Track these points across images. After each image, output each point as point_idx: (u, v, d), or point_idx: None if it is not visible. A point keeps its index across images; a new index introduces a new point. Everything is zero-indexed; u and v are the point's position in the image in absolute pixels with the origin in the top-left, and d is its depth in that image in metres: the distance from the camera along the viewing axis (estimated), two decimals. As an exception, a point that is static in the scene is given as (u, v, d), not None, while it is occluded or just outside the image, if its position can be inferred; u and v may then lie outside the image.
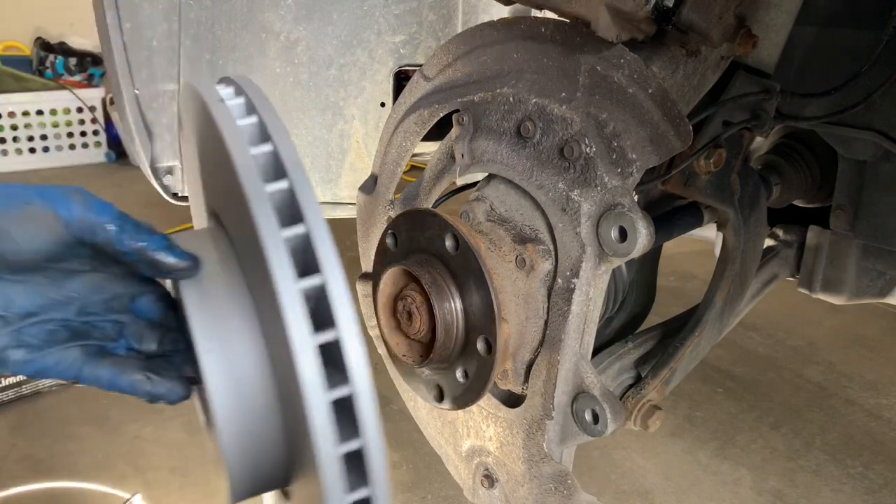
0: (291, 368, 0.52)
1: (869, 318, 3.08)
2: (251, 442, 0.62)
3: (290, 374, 0.53)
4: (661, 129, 0.80)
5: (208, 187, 0.70)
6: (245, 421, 0.61)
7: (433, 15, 1.69)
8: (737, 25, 0.89)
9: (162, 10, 1.49)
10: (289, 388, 0.56)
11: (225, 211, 0.65)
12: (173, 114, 1.57)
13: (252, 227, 0.54)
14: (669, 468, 2.19)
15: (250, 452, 0.62)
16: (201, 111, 0.62)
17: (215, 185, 0.66)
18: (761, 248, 1.17)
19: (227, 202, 0.62)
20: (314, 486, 0.55)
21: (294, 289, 0.53)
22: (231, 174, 0.56)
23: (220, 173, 0.61)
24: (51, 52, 5.29)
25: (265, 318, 0.59)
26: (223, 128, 0.57)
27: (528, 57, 0.90)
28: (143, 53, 1.50)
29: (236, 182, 0.55)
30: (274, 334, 0.57)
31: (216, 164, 0.61)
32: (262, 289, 0.57)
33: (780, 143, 1.40)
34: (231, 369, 0.60)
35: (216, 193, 0.67)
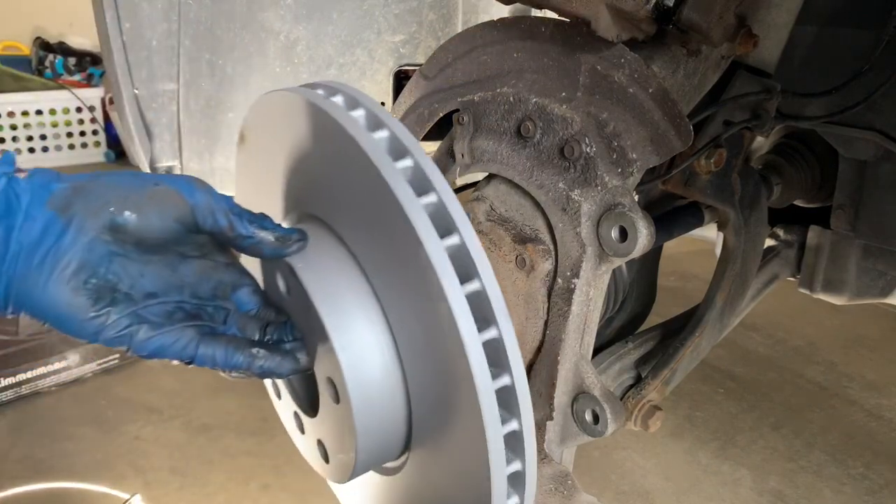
0: (443, 319, 0.59)
1: (869, 319, 3.08)
2: (378, 416, 0.68)
3: (435, 327, 0.60)
4: (662, 129, 0.80)
5: (306, 192, 0.75)
6: (372, 395, 0.67)
7: (433, 14, 1.69)
8: (737, 25, 0.88)
9: (161, 9, 1.48)
10: (426, 344, 0.63)
11: (339, 213, 0.70)
12: (173, 114, 1.57)
13: (388, 197, 0.60)
14: (670, 468, 2.19)
15: (376, 427, 0.68)
16: (312, 122, 0.68)
17: (320, 190, 0.71)
18: (762, 248, 1.17)
19: (346, 205, 0.68)
20: (459, 427, 0.62)
21: (441, 246, 0.60)
22: (375, 184, 0.62)
23: (334, 180, 0.67)
24: (50, 51, 5.29)
25: (397, 286, 0.65)
26: (364, 144, 0.62)
27: (528, 56, 0.90)
28: (142, 53, 1.50)
29: (379, 188, 0.61)
30: (412, 295, 0.63)
31: (335, 172, 0.67)
32: (394, 260, 0.63)
33: (781, 142, 1.40)
34: (357, 346, 0.66)
35: (319, 197, 0.72)
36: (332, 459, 0.77)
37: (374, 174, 0.61)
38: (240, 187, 0.89)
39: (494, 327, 0.61)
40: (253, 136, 0.82)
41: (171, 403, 2.36)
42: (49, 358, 2.38)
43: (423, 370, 0.66)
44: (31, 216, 0.58)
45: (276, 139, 0.76)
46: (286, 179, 0.78)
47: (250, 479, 2.04)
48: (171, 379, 2.49)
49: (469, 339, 0.59)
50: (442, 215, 0.62)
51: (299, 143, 0.72)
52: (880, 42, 1.05)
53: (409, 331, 0.66)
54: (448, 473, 0.68)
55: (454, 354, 0.60)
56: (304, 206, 0.77)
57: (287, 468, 2.08)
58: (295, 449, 0.88)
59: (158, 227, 0.62)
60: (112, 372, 2.52)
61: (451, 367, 0.61)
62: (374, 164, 0.61)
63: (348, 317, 0.67)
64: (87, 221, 0.59)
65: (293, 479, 2.04)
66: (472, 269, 0.61)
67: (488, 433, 0.60)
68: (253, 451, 2.16)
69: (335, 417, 0.72)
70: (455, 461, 0.66)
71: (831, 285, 1.38)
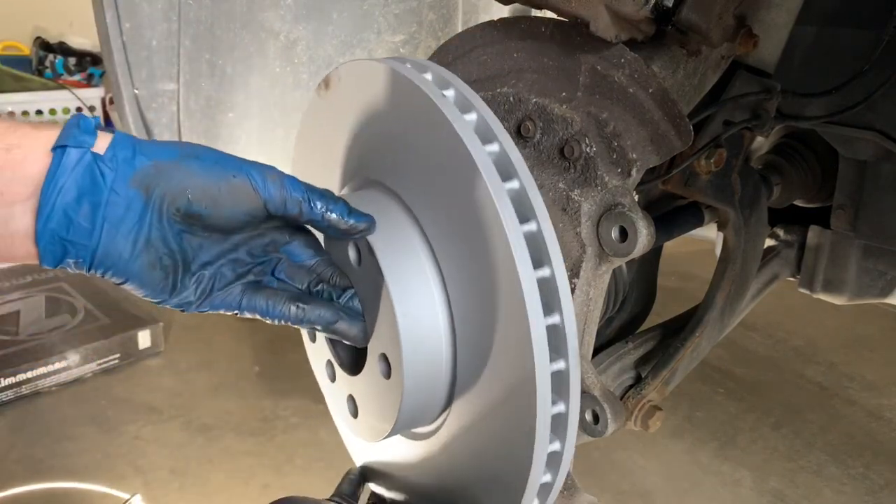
0: (502, 255, 0.63)
1: (869, 319, 3.08)
2: (424, 395, 0.72)
3: (488, 259, 0.65)
4: (662, 129, 0.80)
5: (378, 160, 0.78)
6: (423, 376, 0.70)
7: (433, 15, 1.69)
8: (737, 25, 0.88)
9: (161, 9, 1.48)
10: (485, 318, 0.67)
11: (416, 186, 0.73)
12: (173, 114, 1.57)
13: (472, 183, 0.65)
14: (670, 469, 2.19)
15: (419, 405, 0.72)
16: (403, 96, 0.71)
17: (397, 161, 0.75)
18: (762, 248, 1.17)
19: (422, 180, 0.72)
20: (504, 369, 0.66)
21: (520, 230, 0.64)
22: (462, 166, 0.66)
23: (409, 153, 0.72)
24: (50, 51, 5.28)
25: (465, 264, 0.69)
26: (456, 125, 0.66)
27: (528, 56, 0.90)
28: (142, 53, 1.50)
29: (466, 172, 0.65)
30: (479, 269, 0.67)
31: (415, 146, 0.71)
32: (466, 238, 0.67)
33: (781, 142, 1.40)
34: (419, 329, 0.70)
35: (392, 167, 0.76)
36: (363, 420, 0.79)
37: (463, 154, 0.65)
38: (305, 135, 0.91)
39: (557, 312, 0.65)
40: (337, 90, 0.83)
41: (171, 403, 2.36)
42: (49, 358, 2.38)
43: (477, 344, 0.69)
44: (116, 192, 0.62)
45: (359, 102, 0.78)
46: (357, 143, 0.80)
47: (250, 479, 2.04)
48: (171, 379, 2.49)
49: (535, 322, 0.62)
50: (522, 201, 0.66)
51: (384, 113, 0.75)
52: (880, 42, 1.05)
53: (470, 306, 0.69)
54: (487, 428, 0.70)
55: (509, 295, 0.64)
56: (371, 172, 0.78)
57: (287, 468, 2.08)
58: (295, 449, 0.88)
59: (229, 217, 0.67)
60: (112, 372, 2.52)
61: (503, 308, 0.65)
62: (465, 143, 0.65)
63: (415, 302, 0.70)
64: (166, 205, 0.64)
65: (293, 479, 2.04)
66: (544, 255, 0.65)
67: (538, 366, 0.63)
68: (253, 451, 2.16)
69: (380, 389, 0.74)
70: (497, 413, 0.68)
71: (831, 285, 1.37)
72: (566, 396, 0.67)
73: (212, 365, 2.54)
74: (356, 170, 0.81)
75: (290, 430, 2.22)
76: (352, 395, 0.81)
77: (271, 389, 2.42)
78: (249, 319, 0.74)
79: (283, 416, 2.29)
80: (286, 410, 2.31)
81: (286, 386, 2.42)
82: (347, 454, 0.98)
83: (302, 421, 2.25)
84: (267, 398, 2.38)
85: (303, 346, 0.93)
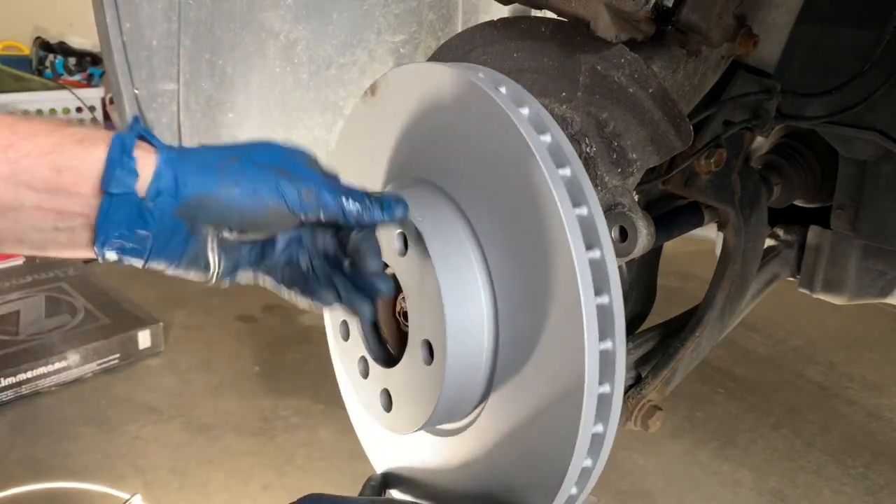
0: (555, 237, 0.66)
1: (869, 318, 3.08)
2: (464, 383, 0.74)
3: (539, 242, 0.68)
4: (662, 129, 0.80)
5: (425, 159, 0.81)
6: (466, 362, 0.73)
7: (433, 15, 1.69)
8: (737, 25, 0.89)
9: (161, 9, 1.48)
10: (531, 303, 0.69)
11: (463, 180, 0.76)
12: (173, 114, 1.57)
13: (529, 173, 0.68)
14: (670, 469, 2.19)
15: (458, 394, 0.74)
16: (460, 95, 0.74)
17: (447, 160, 0.78)
18: (762, 248, 1.17)
19: (469, 173, 0.75)
20: (553, 343, 0.68)
21: (574, 214, 0.67)
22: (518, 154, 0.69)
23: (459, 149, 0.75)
24: (50, 51, 5.28)
25: (512, 253, 0.71)
26: (513, 116, 0.69)
27: (528, 56, 0.90)
28: (142, 53, 1.50)
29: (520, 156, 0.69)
30: (527, 251, 0.70)
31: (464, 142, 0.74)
32: (518, 224, 0.70)
33: (781, 142, 1.40)
34: (465, 317, 0.72)
35: (441, 165, 0.78)
36: (398, 412, 0.81)
37: (519, 142, 0.68)
38: (348, 138, 0.94)
39: (606, 295, 0.68)
40: (385, 95, 0.86)
41: (171, 403, 2.36)
42: (49, 358, 2.38)
43: (522, 328, 0.71)
44: (163, 222, 0.69)
45: (408, 106, 0.81)
46: (403, 144, 0.83)
47: (250, 479, 2.04)
48: (171, 379, 2.49)
49: (587, 301, 0.65)
50: (575, 187, 0.69)
51: (434, 113, 0.77)
52: (880, 42, 1.05)
53: (516, 290, 0.71)
54: (527, 415, 0.72)
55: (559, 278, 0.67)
56: (418, 170, 0.81)
57: (287, 468, 2.08)
58: (295, 449, 0.89)
59: (267, 233, 0.73)
60: (112, 372, 2.52)
61: (553, 288, 0.67)
62: (521, 132, 0.68)
63: (461, 289, 0.72)
64: (209, 233, 0.71)
65: (293, 479, 2.04)
66: (595, 238, 0.68)
67: (588, 344, 0.65)
68: (253, 451, 2.16)
69: (420, 376, 0.76)
70: (539, 397, 0.70)
71: (831, 285, 1.37)
72: (611, 377, 0.69)
73: (212, 365, 2.54)
74: (402, 169, 0.83)
75: (290, 430, 2.22)
76: (386, 389, 0.82)
77: (271, 389, 2.42)
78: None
79: (283, 416, 2.28)
80: (286, 410, 2.31)
81: (286, 386, 2.42)
82: (348, 454, 0.98)
83: (302, 421, 2.25)
84: (267, 398, 2.38)
85: (303, 345, 0.94)
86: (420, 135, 0.81)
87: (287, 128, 1.64)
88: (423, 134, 0.81)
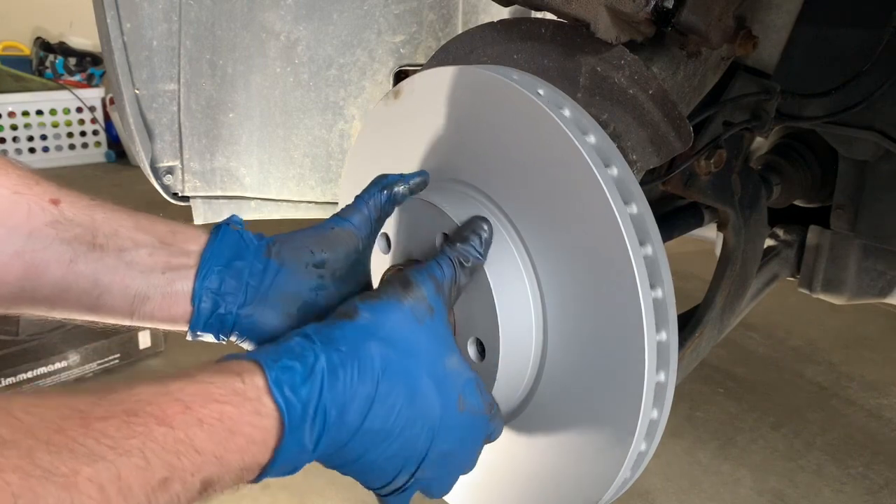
0: (608, 235, 0.68)
1: (869, 318, 3.08)
2: (513, 383, 0.75)
3: (591, 241, 0.69)
4: (662, 130, 0.80)
5: (461, 161, 0.81)
6: (516, 361, 0.74)
7: (433, 15, 1.69)
8: (736, 27, 0.89)
9: (162, 9, 1.48)
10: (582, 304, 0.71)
11: (502, 180, 0.77)
12: (174, 114, 1.57)
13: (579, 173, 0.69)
14: (670, 468, 2.19)
15: (508, 393, 0.75)
16: (495, 96, 0.75)
17: (486, 162, 0.78)
18: (762, 248, 1.17)
19: (514, 177, 0.75)
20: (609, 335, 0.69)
21: (626, 210, 0.69)
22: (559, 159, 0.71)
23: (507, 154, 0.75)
24: (50, 52, 5.28)
25: (561, 257, 0.73)
26: (559, 120, 0.70)
27: (528, 58, 0.90)
28: (143, 53, 1.50)
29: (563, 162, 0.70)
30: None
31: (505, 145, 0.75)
32: (563, 225, 0.72)
33: (781, 142, 1.40)
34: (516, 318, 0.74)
35: (480, 167, 0.79)
36: None
37: (566, 144, 0.69)
38: (368, 142, 0.95)
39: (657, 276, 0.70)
40: (411, 98, 0.86)
41: (171, 403, 2.36)
42: (49, 358, 2.38)
43: (571, 324, 0.73)
44: (258, 259, 0.74)
45: (438, 108, 0.81)
46: (435, 147, 0.83)
47: (251, 479, 2.04)
48: (172, 379, 2.49)
49: (644, 295, 0.66)
50: (624, 186, 0.71)
51: (471, 115, 0.78)
52: (879, 42, 1.05)
53: (564, 288, 0.73)
54: (581, 411, 0.73)
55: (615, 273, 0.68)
56: (453, 173, 0.81)
57: (287, 468, 2.08)
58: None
59: (343, 259, 0.76)
60: (112, 372, 2.52)
61: (607, 285, 0.69)
62: (568, 134, 0.69)
63: (510, 287, 0.74)
64: (294, 263, 0.75)
65: (293, 479, 2.04)
66: (646, 235, 0.70)
67: (646, 336, 0.66)
68: (253, 450, 2.16)
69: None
70: (593, 386, 0.72)
71: (831, 285, 1.38)
72: (666, 366, 0.71)
73: (212, 365, 2.54)
74: (434, 171, 0.83)
75: (290, 429, 2.22)
76: None
77: (272, 389, 2.42)
78: None
79: (283, 416, 2.29)
80: (286, 410, 2.31)
81: (286, 386, 2.42)
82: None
83: (302, 421, 2.25)
84: (267, 398, 2.38)
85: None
86: (453, 137, 0.81)
87: (287, 128, 1.65)
88: (457, 136, 0.81)
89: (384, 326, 0.64)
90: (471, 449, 0.69)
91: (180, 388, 0.53)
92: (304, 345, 0.60)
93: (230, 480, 0.55)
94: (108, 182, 4.53)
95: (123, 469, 0.47)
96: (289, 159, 1.66)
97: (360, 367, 0.61)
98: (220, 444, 0.53)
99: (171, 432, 0.50)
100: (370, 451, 0.62)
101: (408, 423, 0.62)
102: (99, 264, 0.70)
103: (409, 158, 0.86)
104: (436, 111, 0.82)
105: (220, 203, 1.64)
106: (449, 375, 0.65)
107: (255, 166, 1.63)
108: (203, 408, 0.53)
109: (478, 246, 0.72)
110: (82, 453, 0.45)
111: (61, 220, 0.70)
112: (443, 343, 0.66)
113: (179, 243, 0.74)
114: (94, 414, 0.48)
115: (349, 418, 0.60)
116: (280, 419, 0.56)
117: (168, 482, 0.49)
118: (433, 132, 0.83)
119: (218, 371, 0.56)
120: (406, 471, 0.64)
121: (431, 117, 0.82)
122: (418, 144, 0.85)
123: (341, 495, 2.02)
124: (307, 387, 0.58)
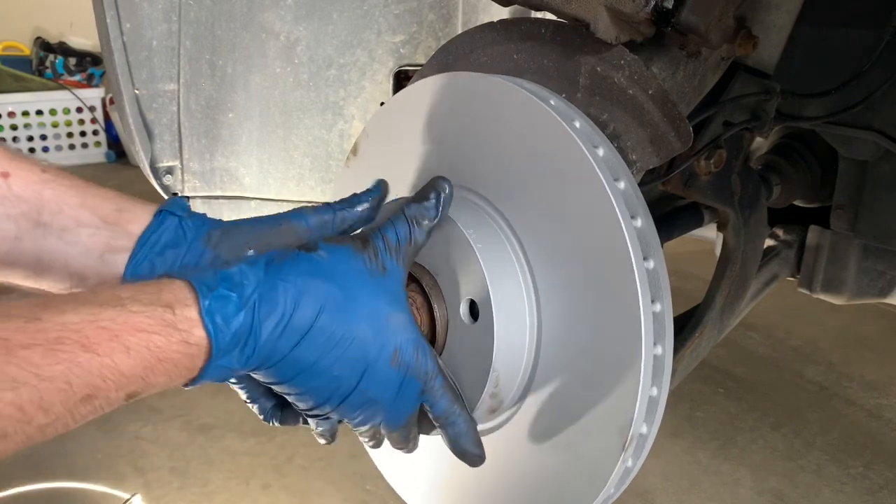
0: (613, 248, 0.68)
1: (869, 318, 3.08)
2: (513, 354, 0.74)
3: (594, 252, 0.70)
4: (662, 130, 0.80)
5: (461, 166, 0.81)
6: (512, 337, 0.74)
7: (433, 15, 1.69)
8: (736, 27, 0.89)
9: (162, 10, 1.48)
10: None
11: (506, 187, 0.77)
12: (173, 114, 1.57)
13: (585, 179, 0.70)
14: (669, 468, 2.19)
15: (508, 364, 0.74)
16: (495, 104, 0.76)
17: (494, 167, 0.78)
18: (761, 248, 1.17)
19: (519, 182, 0.76)
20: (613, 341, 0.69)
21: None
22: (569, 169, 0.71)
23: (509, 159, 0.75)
24: (50, 52, 5.28)
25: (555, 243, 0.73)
26: (571, 131, 0.71)
27: (527, 58, 0.90)
28: (142, 53, 1.50)
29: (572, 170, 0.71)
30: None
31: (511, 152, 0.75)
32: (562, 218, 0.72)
33: (781, 143, 1.40)
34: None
35: (486, 173, 0.79)
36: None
37: (577, 156, 0.70)
38: (372, 140, 0.95)
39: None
40: (416, 102, 0.86)
41: (171, 403, 2.36)
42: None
43: (566, 333, 0.73)
44: (193, 248, 0.75)
45: (443, 113, 0.82)
46: (438, 149, 0.83)
47: (250, 479, 2.05)
48: (172, 379, 2.49)
49: (644, 308, 0.67)
50: (630, 199, 0.72)
51: (478, 121, 0.78)
52: (879, 42, 1.05)
53: (562, 302, 0.73)
54: (578, 399, 0.73)
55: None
56: (455, 178, 0.80)
57: (287, 468, 2.08)
58: (295, 449, 0.89)
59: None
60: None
61: (609, 296, 0.69)
62: (580, 146, 0.70)
63: (509, 287, 0.74)
64: (230, 255, 0.75)
65: (293, 479, 2.04)
66: (649, 249, 0.71)
67: (644, 348, 0.67)
68: (253, 450, 2.16)
69: (470, 339, 0.76)
70: (587, 390, 0.72)
71: (831, 285, 1.38)
72: (660, 381, 0.71)
73: (212, 365, 2.54)
74: (435, 174, 0.82)
75: (290, 430, 2.22)
76: None
77: (271, 389, 2.43)
78: None
79: (283, 416, 2.29)
80: (286, 410, 2.31)
81: (286, 386, 2.42)
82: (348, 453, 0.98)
83: (302, 421, 2.25)
84: (267, 398, 2.38)
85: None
86: (456, 141, 0.81)
87: (287, 128, 1.64)
88: (460, 141, 0.81)
89: (336, 268, 0.66)
90: (395, 404, 0.69)
91: (111, 317, 0.55)
92: (246, 273, 0.62)
93: (157, 391, 0.59)
94: (108, 182, 4.50)
95: (46, 393, 0.51)
96: (288, 159, 1.66)
97: (302, 299, 0.63)
98: (147, 368, 0.56)
99: (97, 358, 0.53)
100: (298, 377, 0.64)
101: (338, 361, 0.65)
102: (42, 242, 0.72)
103: (412, 160, 0.86)
104: (440, 116, 0.82)
105: (220, 203, 1.64)
106: (389, 328, 0.67)
107: (255, 166, 1.63)
108: (131, 336, 0.55)
109: (436, 204, 0.72)
110: (4, 379, 0.49)
111: (9, 195, 0.70)
112: (391, 300, 0.68)
113: (123, 223, 0.74)
114: (18, 341, 0.50)
115: (281, 345, 0.62)
116: (209, 346, 0.59)
117: (90, 398, 0.54)
118: (436, 136, 0.83)
119: (151, 301, 0.58)
120: (330, 403, 0.67)
121: (435, 122, 0.83)
122: (422, 147, 0.85)
123: (341, 495, 2.02)
124: (239, 317, 0.60)
